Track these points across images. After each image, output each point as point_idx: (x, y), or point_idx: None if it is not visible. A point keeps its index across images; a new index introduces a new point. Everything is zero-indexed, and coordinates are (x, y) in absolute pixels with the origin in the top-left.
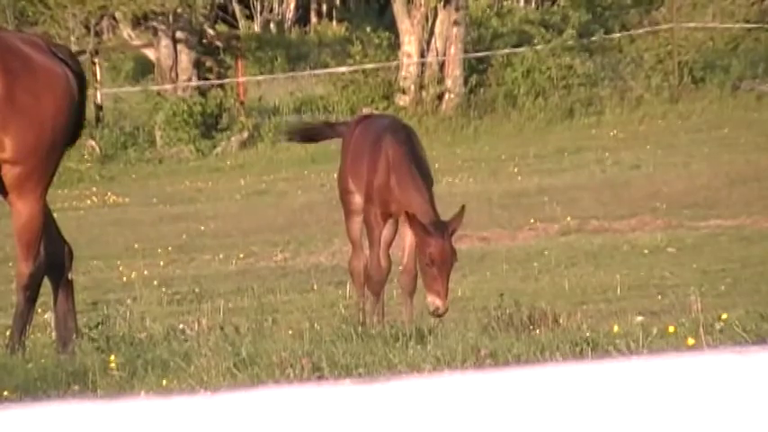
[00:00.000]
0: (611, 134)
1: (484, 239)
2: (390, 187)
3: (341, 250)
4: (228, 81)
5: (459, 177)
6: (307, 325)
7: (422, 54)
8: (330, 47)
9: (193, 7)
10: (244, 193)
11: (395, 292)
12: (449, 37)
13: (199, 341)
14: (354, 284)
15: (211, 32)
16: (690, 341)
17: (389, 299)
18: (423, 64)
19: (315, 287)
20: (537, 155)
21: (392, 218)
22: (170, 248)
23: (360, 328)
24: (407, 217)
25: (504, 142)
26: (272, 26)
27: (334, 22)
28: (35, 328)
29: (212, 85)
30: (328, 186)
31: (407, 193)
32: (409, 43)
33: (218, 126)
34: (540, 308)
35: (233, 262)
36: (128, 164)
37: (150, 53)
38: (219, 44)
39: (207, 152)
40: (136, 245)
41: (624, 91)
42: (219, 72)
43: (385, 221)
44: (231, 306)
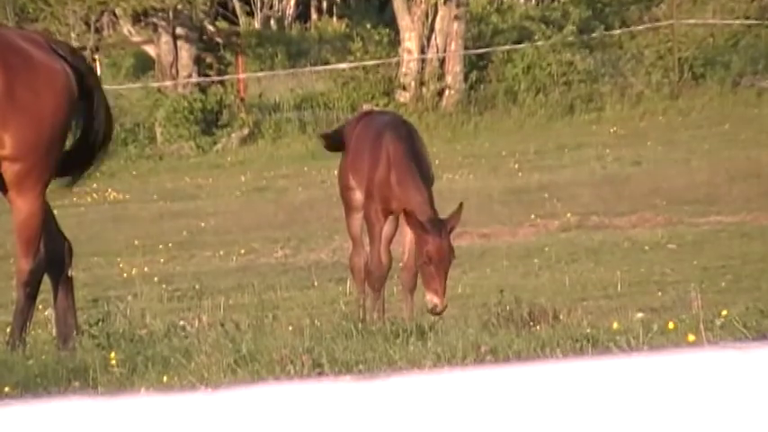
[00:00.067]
0: (611, 130)
1: (484, 236)
2: (391, 184)
3: (341, 247)
4: (229, 78)
5: (459, 174)
6: (307, 321)
7: (422, 50)
8: (330, 43)
9: (194, 4)
10: (244, 190)
11: (395, 289)
12: (449, 33)
13: (199, 338)
14: (355, 281)
15: (212, 29)
16: (690, 337)
17: (390, 295)
18: (423, 60)
19: (315, 284)
20: (537, 151)
21: (393, 214)
22: (170, 245)
23: (360, 325)
24: (405, 215)
25: (504, 138)
26: (273, 23)
27: (334, 19)
28: (35, 325)
29: (213, 82)
30: (329, 183)
31: (406, 191)
32: (409, 40)
33: (218, 123)
34: (541, 304)
35: (233, 258)
36: (128, 160)
37: (150, 50)
38: (220, 41)
39: (207, 149)
40: (136, 241)
41: (624, 87)
42: (220, 68)
43: (385, 218)
44: (231, 303)
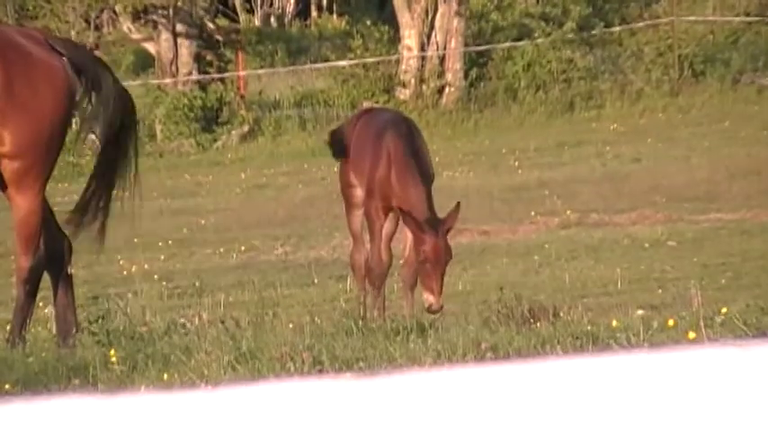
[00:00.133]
0: (611, 128)
1: (484, 233)
2: (391, 182)
3: (342, 244)
4: (229, 75)
5: (459, 171)
6: (307, 319)
7: (422, 48)
8: (330, 41)
9: (194, 1)
10: (244, 187)
11: (396, 286)
12: (449, 30)
13: (199, 335)
14: (355, 278)
15: (212, 26)
16: (691, 335)
17: (390, 293)
18: (423, 58)
19: (315, 281)
20: (537, 148)
21: (393, 212)
22: (170, 242)
23: (360, 322)
24: (401, 214)
25: (504, 136)
26: (273, 20)
27: (334, 16)
28: (36, 323)
29: (213, 79)
30: (329, 180)
31: (405, 189)
32: (409, 37)
33: (218, 120)
34: (541, 301)
35: (233, 256)
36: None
37: (150, 47)
38: (220, 38)
39: (207, 146)
40: (136, 239)
41: (624, 84)
42: (220, 66)
43: (386, 215)
44: (232, 300)
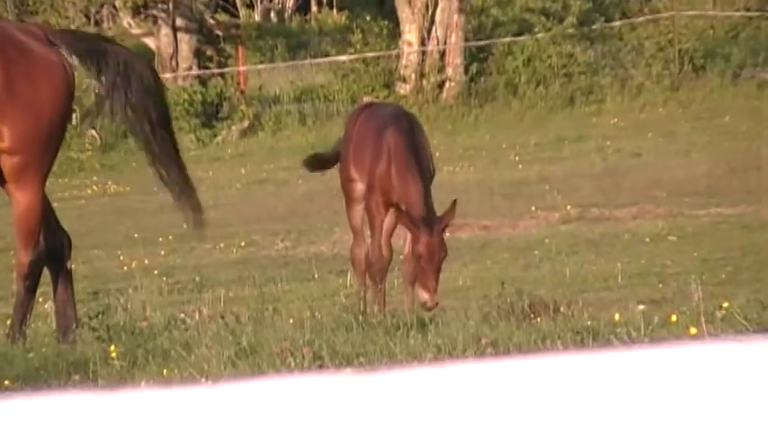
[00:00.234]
0: (611, 122)
1: (485, 228)
2: (391, 178)
3: (342, 239)
4: (229, 70)
5: (459, 166)
6: (308, 314)
7: (422, 42)
8: (330, 35)
9: None
10: (244, 182)
11: (396, 282)
12: (449, 25)
13: (199, 331)
14: (355, 273)
15: (212, 21)
16: (692, 330)
17: (391, 288)
18: (423, 52)
19: (316, 276)
20: (538, 143)
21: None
22: (170, 237)
23: (361, 318)
24: (397, 211)
25: (504, 131)
26: (273, 15)
27: (334, 11)
28: (36, 318)
29: (213, 74)
30: (329, 175)
31: (404, 186)
32: (410, 32)
33: (218, 115)
34: (541, 296)
35: (234, 251)
36: (128, 153)
37: (150, 42)
38: (220, 33)
39: (207, 141)
40: (136, 234)
41: (625, 79)
42: (220, 61)
43: (386, 210)
44: (232, 295)
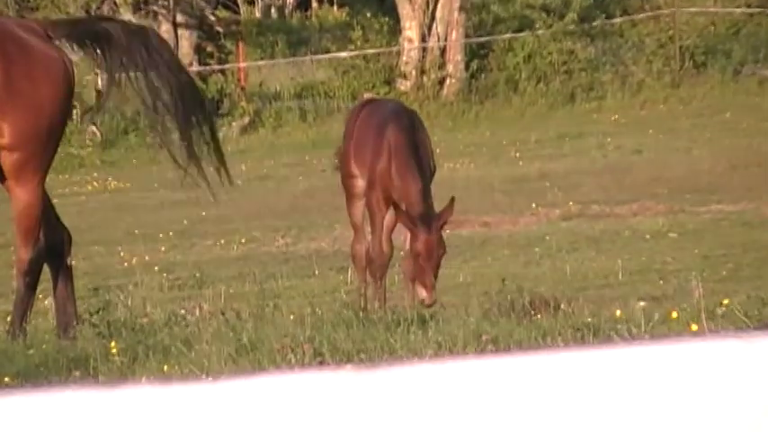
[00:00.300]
0: (612, 119)
1: (485, 224)
2: (391, 175)
3: (342, 235)
4: (229, 66)
5: (460, 162)
6: (308, 310)
7: (423, 39)
8: (331, 32)
9: None
10: (245, 179)
11: (396, 278)
12: (450, 22)
13: (200, 327)
14: (356, 269)
15: (212, 17)
16: (693, 327)
17: (391, 284)
18: (424, 49)
19: (316, 272)
20: (538, 140)
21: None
22: (171, 234)
23: (361, 314)
24: (395, 209)
25: (505, 127)
26: (273, 11)
27: (335, 8)
28: (36, 315)
29: (213, 71)
30: (329, 172)
31: (404, 183)
32: (410, 28)
33: (218, 111)
34: (542, 293)
35: (234, 247)
36: (129, 149)
37: None
38: (220, 29)
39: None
40: (137, 230)
41: (625, 76)
42: (220, 57)
43: (387, 206)
44: (232, 292)
